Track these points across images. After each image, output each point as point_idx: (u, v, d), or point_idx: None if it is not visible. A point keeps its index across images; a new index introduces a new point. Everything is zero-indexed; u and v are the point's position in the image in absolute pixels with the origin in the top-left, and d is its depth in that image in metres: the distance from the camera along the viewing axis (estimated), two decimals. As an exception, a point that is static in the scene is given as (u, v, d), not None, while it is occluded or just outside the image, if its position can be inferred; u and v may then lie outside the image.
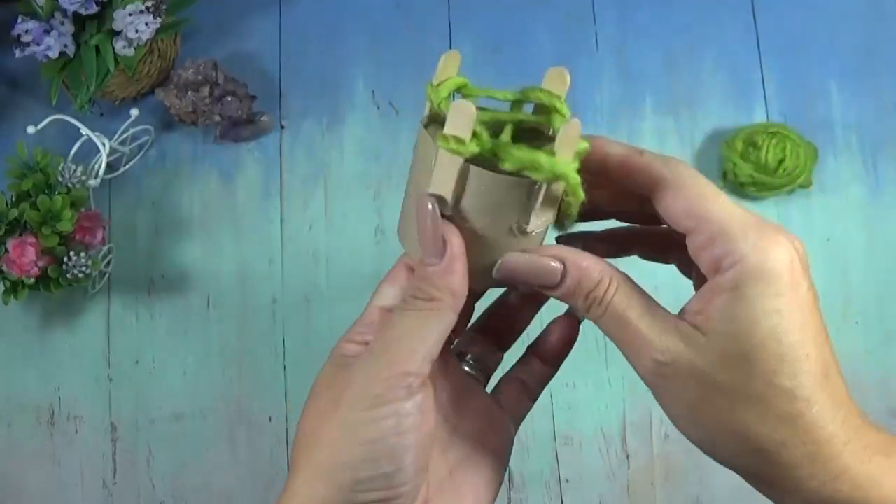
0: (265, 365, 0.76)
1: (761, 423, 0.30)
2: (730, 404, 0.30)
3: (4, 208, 0.68)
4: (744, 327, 0.29)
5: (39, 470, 0.75)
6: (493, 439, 0.37)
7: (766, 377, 0.29)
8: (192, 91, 0.77)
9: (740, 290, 0.29)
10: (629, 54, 0.83)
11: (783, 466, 0.30)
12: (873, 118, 0.81)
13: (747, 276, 0.29)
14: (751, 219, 0.30)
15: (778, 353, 0.29)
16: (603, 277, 0.32)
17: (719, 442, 0.31)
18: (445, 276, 0.32)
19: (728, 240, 0.30)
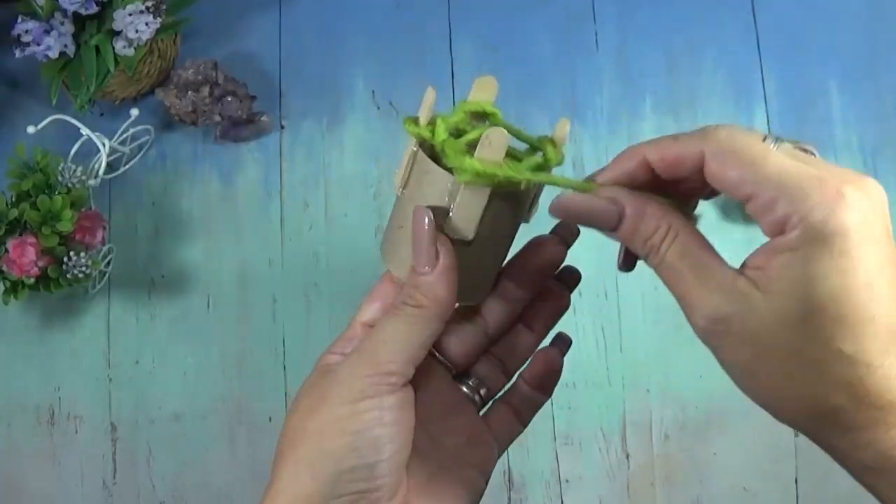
0: (265, 365, 0.76)
1: (816, 388, 0.29)
2: (784, 367, 0.29)
3: (4, 208, 0.68)
4: (802, 289, 0.28)
5: (39, 470, 0.75)
6: (475, 455, 0.38)
7: (823, 341, 0.28)
8: (192, 91, 0.77)
9: (802, 251, 0.28)
10: (629, 54, 0.83)
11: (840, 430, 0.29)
12: (873, 118, 0.81)
13: (810, 237, 0.28)
14: (810, 173, 0.28)
15: (838, 316, 0.28)
16: (661, 225, 0.31)
17: (776, 403, 0.30)
18: (435, 284, 0.33)
19: (788, 202, 0.28)
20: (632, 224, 0.31)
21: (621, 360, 0.75)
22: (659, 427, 0.74)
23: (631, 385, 0.75)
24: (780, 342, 0.29)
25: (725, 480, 0.72)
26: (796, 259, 0.28)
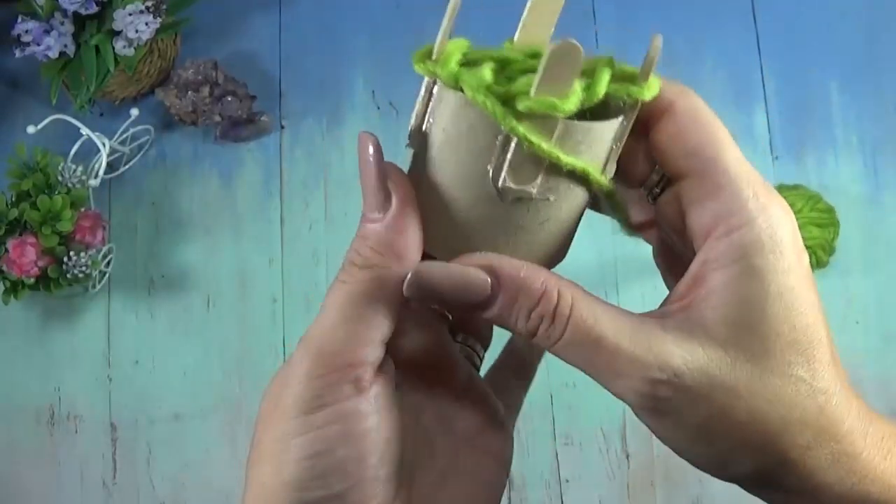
0: (265, 365, 0.76)
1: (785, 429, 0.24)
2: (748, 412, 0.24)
3: (4, 208, 0.68)
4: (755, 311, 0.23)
5: (39, 470, 0.75)
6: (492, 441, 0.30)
7: (783, 370, 0.24)
8: (192, 91, 0.77)
9: (747, 262, 0.23)
10: (629, 54, 0.83)
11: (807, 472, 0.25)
12: (873, 118, 0.81)
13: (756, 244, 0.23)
14: (758, 176, 0.24)
15: (792, 339, 0.24)
16: (549, 289, 0.24)
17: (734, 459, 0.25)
18: (390, 233, 0.25)
19: (736, 194, 0.24)
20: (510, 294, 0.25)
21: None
22: (659, 427, 0.74)
23: (631, 385, 0.75)
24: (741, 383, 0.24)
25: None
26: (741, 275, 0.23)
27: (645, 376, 0.24)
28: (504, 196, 0.25)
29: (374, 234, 0.25)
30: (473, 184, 0.26)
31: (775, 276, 0.23)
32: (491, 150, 0.25)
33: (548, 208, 0.26)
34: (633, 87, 0.28)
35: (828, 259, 0.75)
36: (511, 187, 0.25)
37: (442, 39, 0.27)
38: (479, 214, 0.26)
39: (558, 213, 0.27)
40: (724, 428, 0.24)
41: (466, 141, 0.25)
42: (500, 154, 0.25)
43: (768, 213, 0.24)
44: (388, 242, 0.25)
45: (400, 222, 0.25)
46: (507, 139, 0.25)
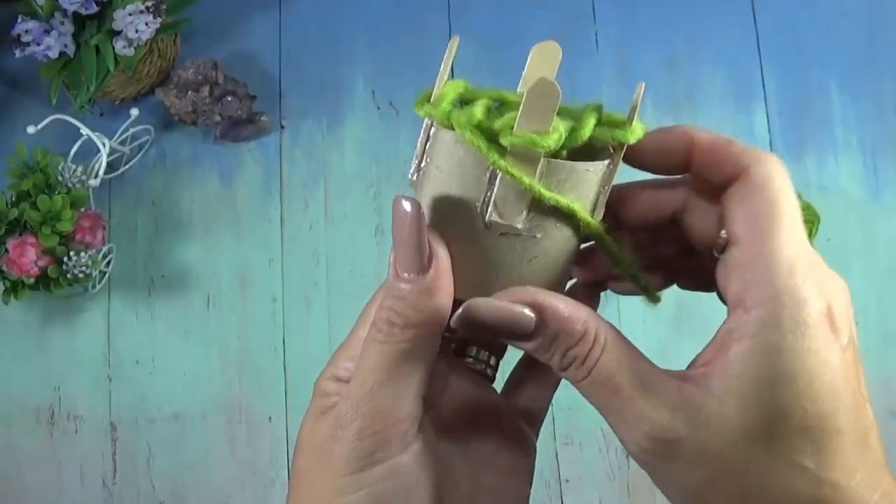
0: (265, 365, 0.76)
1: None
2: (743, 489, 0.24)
3: (4, 208, 0.68)
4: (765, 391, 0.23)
5: (39, 470, 0.75)
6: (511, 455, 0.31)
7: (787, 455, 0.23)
8: (192, 91, 0.77)
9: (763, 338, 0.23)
10: (629, 54, 0.83)
11: None
12: (873, 118, 0.81)
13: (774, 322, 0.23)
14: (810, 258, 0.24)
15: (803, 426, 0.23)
16: (588, 331, 0.25)
17: None
18: (430, 296, 0.26)
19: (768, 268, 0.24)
20: (552, 331, 0.26)
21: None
22: (659, 427, 0.74)
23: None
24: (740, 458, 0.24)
25: (725, 480, 0.72)
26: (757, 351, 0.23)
27: (648, 432, 0.25)
28: (491, 231, 0.26)
29: (413, 294, 0.26)
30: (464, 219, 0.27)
31: (790, 357, 0.23)
32: (479, 185, 0.26)
33: (535, 245, 0.27)
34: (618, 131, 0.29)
35: None
36: (497, 222, 0.26)
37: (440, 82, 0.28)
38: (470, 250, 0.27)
39: (546, 251, 0.28)
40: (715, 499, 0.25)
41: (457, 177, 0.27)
42: (486, 189, 0.26)
43: (798, 292, 0.23)
44: (430, 304, 0.26)
45: (441, 284, 0.26)
46: (493, 174, 0.26)
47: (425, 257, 0.26)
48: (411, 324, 0.26)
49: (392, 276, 0.26)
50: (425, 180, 0.28)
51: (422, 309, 0.26)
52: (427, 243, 0.26)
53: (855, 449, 0.24)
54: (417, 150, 0.28)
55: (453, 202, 0.27)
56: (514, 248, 0.27)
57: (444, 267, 0.26)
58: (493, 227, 0.27)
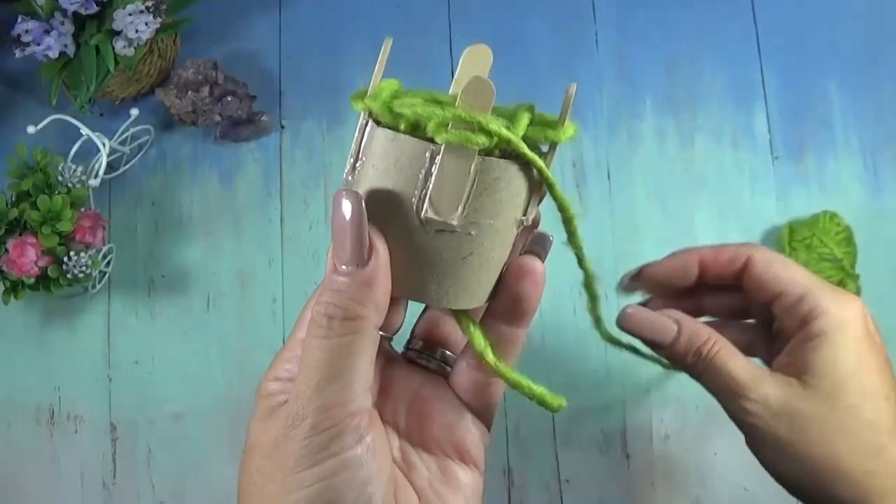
0: (265, 365, 0.76)
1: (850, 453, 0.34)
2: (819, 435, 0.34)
3: (4, 208, 0.68)
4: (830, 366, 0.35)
5: (39, 470, 0.75)
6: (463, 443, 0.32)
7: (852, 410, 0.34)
8: (192, 91, 0.77)
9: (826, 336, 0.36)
10: (629, 54, 0.83)
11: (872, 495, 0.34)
12: (873, 118, 0.81)
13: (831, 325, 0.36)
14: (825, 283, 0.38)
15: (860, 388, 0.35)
16: (710, 336, 0.39)
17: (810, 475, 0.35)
18: (373, 287, 0.26)
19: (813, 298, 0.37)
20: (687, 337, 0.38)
21: (621, 360, 0.75)
22: (659, 427, 0.74)
23: (631, 385, 0.75)
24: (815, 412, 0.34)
25: (725, 480, 0.72)
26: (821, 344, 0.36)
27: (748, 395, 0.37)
28: (427, 227, 0.27)
29: (352, 287, 0.26)
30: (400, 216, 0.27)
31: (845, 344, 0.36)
32: (415, 182, 0.27)
33: (470, 242, 0.28)
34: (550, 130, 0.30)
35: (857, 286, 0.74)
36: (433, 218, 0.27)
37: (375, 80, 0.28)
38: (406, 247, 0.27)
39: (480, 247, 0.28)
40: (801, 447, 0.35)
41: (393, 175, 0.27)
42: (422, 186, 0.27)
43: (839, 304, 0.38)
44: (370, 296, 0.26)
45: (380, 276, 0.26)
46: (429, 171, 0.27)
47: (365, 250, 0.26)
48: (350, 315, 0.26)
49: (329, 271, 0.27)
50: (362, 178, 0.28)
51: (361, 301, 0.26)
52: (367, 237, 0.26)
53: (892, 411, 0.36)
54: (353, 149, 0.29)
55: (389, 199, 0.27)
56: (449, 244, 0.27)
57: (384, 260, 0.26)
58: (429, 224, 0.27)
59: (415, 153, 0.27)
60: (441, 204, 0.27)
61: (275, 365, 0.31)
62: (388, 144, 0.27)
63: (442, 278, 0.28)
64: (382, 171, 0.27)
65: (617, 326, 0.40)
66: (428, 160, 0.27)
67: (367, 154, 0.28)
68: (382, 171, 0.27)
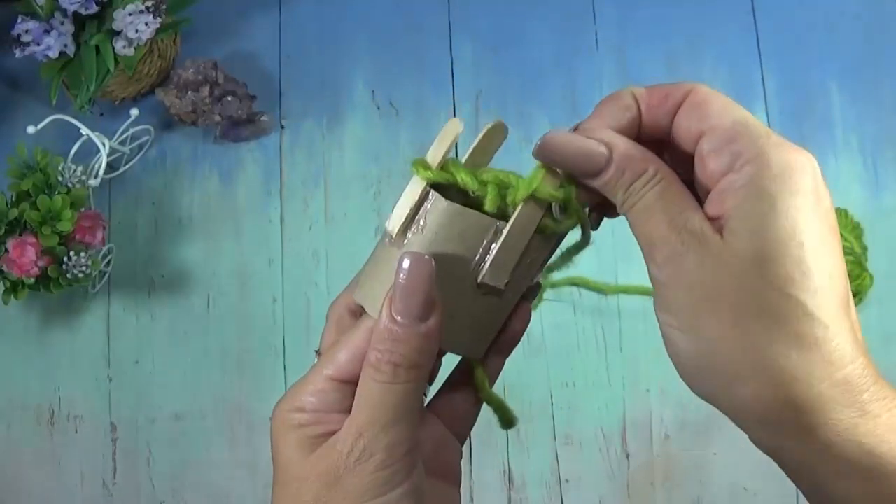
0: (265, 365, 0.76)
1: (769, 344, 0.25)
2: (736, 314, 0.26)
3: (4, 208, 0.68)
4: (761, 224, 0.26)
5: (39, 470, 0.75)
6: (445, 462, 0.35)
7: (783, 285, 0.25)
8: (192, 91, 0.77)
9: (759, 185, 0.26)
10: (629, 54, 0.83)
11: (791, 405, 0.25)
12: (873, 118, 0.81)
13: (767, 172, 0.26)
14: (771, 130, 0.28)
15: (798, 257, 0.25)
16: (649, 169, 0.28)
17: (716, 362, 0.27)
18: (429, 340, 0.29)
19: (747, 137, 0.27)
20: (619, 168, 0.29)
21: (621, 360, 0.75)
22: (659, 427, 0.74)
23: (631, 385, 0.75)
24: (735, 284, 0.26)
25: (725, 480, 0.72)
26: (752, 196, 0.26)
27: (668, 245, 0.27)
28: (479, 290, 0.31)
29: (418, 339, 0.29)
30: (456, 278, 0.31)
31: (784, 198, 0.26)
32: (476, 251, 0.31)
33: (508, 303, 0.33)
34: None
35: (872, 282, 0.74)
36: (487, 283, 0.31)
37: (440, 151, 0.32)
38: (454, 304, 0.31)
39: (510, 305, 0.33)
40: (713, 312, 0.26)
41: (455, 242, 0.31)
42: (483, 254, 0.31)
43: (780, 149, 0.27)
44: (430, 349, 0.29)
45: (439, 333, 0.29)
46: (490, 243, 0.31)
47: (431, 307, 0.29)
48: (415, 365, 0.29)
49: (388, 321, 0.29)
50: (420, 241, 0.31)
51: (423, 351, 0.29)
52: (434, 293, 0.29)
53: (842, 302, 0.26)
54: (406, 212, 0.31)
55: (448, 263, 0.31)
56: (492, 305, 0.32)
57: (442, 317, 0.29)
58: (482, 288, 0.31)
59: (481, 227, 0.31)
60: (497, 272, 0.31)
61: (295, 396, 0.32)
62: (456, 216, 0.31)
63: (479, 332, 0.33)
64: (444, 238, 0.31)
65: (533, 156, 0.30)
66: (492, 234, 0.31)
67: (429, 220, 0.31)
68: (444, 238, 0.31)
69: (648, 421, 0.74)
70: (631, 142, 0.29)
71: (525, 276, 0.32)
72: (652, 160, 0.29)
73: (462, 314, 0.32)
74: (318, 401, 0.32)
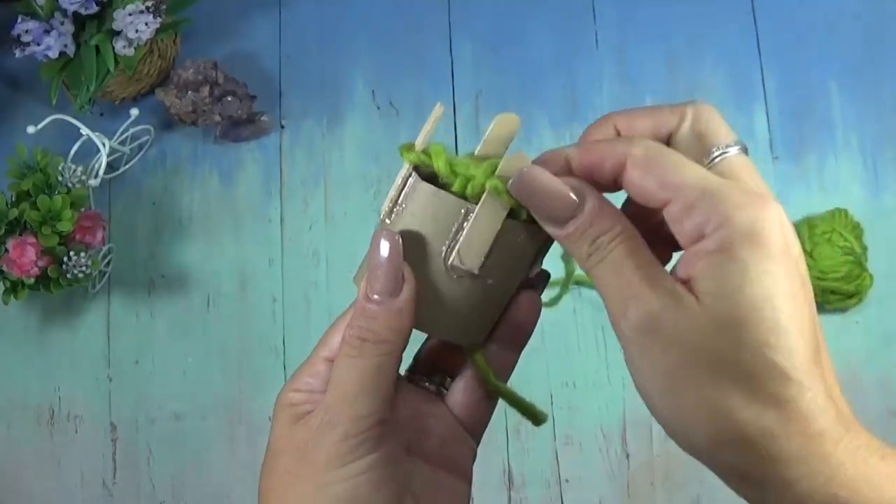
0: (265, 365, 0.76)
1: (746, 405, 0.26)
2: (713, 375, 0.26)
3: (4, 208, 0.68)
4: (735, 289, 0.26)
5: (39, 470, 0.75)
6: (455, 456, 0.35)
7: (757, 348, 0.26)
8: (192, 91, 0.77)
9: (729, 252, 0.26)
10: (629, 54, 0.83)
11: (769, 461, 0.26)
12: (873, 118, 0.81)
13: (736, 238, 0.26)
14: (731, 184, 0.27)
15: (773, 320, 0.26)
16: (615, 225, 0.28)
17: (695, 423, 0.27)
18: (399, 316, 0.30)
19: (711, 203, 0.26)
20: (588, 218, 0.29)
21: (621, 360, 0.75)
22: (659, 427, 0.74)
23: (631, 385, 0.74)
24: (712, 347, 0.26)
25: (725, 480, 0.72)
26: (723, 262, 0.26)
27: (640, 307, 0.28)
28: (451, 273, 0.31)
29: (385, 314, 0.30)
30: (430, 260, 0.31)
31: (754, 263, 0.26)
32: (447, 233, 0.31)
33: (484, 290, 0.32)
34: None
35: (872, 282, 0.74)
36: (457, 266, 0.31)
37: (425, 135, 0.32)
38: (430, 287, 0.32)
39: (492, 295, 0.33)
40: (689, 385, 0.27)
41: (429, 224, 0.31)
42: (453, 238, 0.31)
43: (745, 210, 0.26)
44: (400, 324, 0.30)
45: (410, 306, 0.30)
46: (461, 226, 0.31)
47: (399, 283, 0.30)
48: (382, 340, 0.30)
49: (362, 298, 0.30)
50: (399, 222, 0.32)
51: (393, 327, 0.30)
52: (402, 272, 0.30)
53: (814, 358, 0.26)
54: (392, 195, 0.32)
55: (423, 244, 0.31)
56: (467, 290, 0.32)
57: (413, 293, 0.30)
58: (453, 271, 0.31)
59: (452, 209, 0.31)
60: (467, 255, 0.31)
61: (295, 378, 0.33)
62: (430, 197, 0.31)
63: (457, 317, 0.32)
64: (419, 219, 0.31)
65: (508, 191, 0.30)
66: (462, 216, 0.31)
67: (408, 202, 0.32)
68: (419, 219, 0.31)
69: (648, 421, 0.74)
70: (602, 196, 0.29)
71: (514, 265, 0.32)
72: (620, 219, 0.29)
73: (439, 296, 0.32)
74: (314, 381, 0.33)
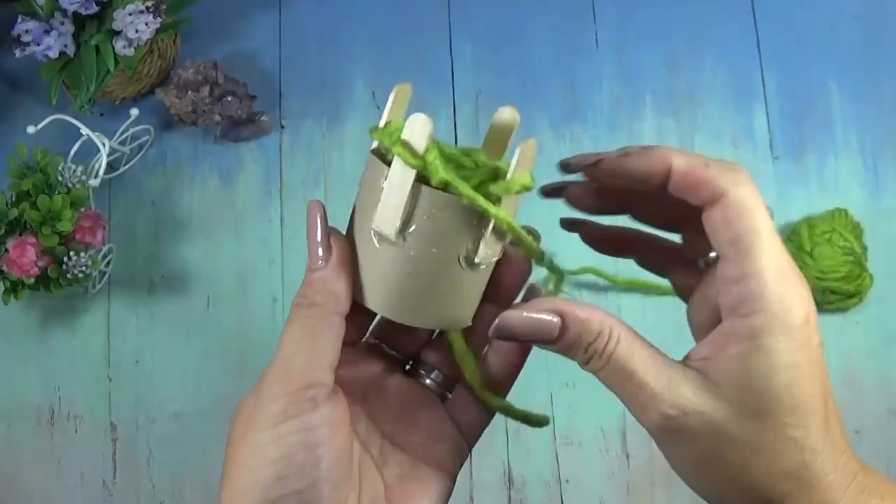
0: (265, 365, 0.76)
1: (769, 476, 0.29)
2: (740, 457, 0.29)
3: (4, 208, 0.68)
4: (761, 381, 0.28)
5: (39, 470, 0.75)
6: (437, 454, 0.36)
7: (777, 429, 0.29)
8: (192, 91, 0.77)
9: (758, 341, 0.28)
10: (629, 54, 0.83)
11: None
12: (873, 118, 0.81)
13: (767, 327, 0.28)
14: (787, 269, 0.29)
15: (791, 405, 0.29)
16: (603, 329, 0.31)
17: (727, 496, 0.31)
18: (329, 280, 0.32)
19: (758, 283, 0.29)
20: (574, 333, 0.31)
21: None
22: (659, 427, 0.74)
23: (631, 385, 0.75)
24: (738, 432, 0.29)
25: (725, 480, 0.72)
26: (752, 350, 0.29)
27: (660, 410, 0.30)
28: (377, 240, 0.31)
29: (315, 280, 0.32)
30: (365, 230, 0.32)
31: (781, 355, 0.28)
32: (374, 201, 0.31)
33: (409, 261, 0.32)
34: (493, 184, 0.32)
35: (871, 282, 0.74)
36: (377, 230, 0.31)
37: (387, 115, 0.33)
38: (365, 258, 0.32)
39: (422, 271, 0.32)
40: (718, 468, 0.30)
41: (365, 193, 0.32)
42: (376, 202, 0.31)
43: (784, 301, 0.29)
44: (329, 287, 0.32)
45: (338, 270, 0.32)
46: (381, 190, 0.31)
47: (324, 251, 0.32)
48: (312, 303, 0.31)
49: (306, 270, 0.32)
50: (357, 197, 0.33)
51: (321, 290, 0.31)
52: (328, 240, 0.32)
53: (825, 425, 0.29)
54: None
55: (361, 215, 0.32)
56: (393, 259, 0.31)
57: (340, 258, 0.32)
58: (377, 237, 0.31)
59: (377, 174, 0.31)
60: (383, 220, 0.31)
61: None
62: (368, 167, 0.32)
63: (388, 290, 0.32)
64: (365, 190, 0.32)
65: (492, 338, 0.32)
66: (383, 180, 0.31)
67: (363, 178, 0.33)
68: (365, 190, 0.32)
69: (648, 421, 0.74)
70: (582, 304, 0.31)
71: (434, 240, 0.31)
72: (605, 320, 0.31)
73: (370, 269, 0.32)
74: None
